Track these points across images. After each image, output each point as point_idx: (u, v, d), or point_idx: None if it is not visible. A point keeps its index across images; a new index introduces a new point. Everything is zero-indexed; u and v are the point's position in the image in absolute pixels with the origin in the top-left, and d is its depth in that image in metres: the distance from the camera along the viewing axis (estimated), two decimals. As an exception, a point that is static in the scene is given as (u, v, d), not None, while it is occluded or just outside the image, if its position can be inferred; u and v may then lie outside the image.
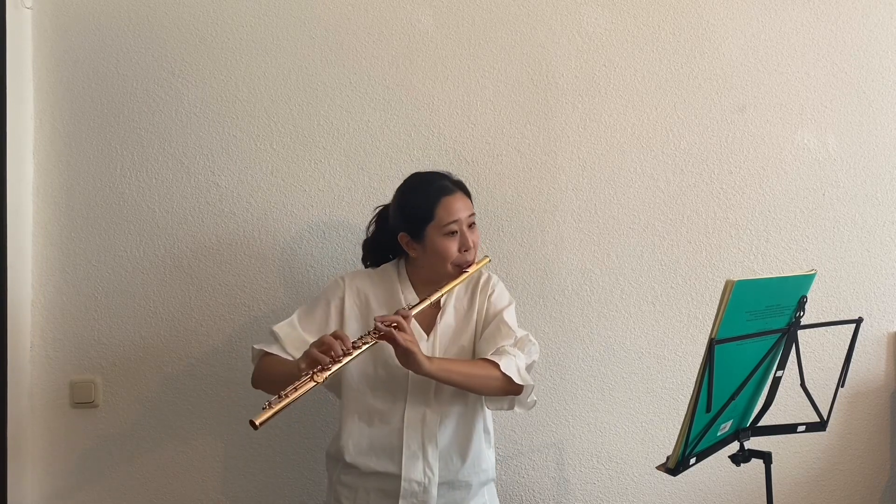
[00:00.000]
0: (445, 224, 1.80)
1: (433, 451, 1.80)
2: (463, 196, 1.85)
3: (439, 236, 1.80)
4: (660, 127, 2.34)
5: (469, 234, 1.83)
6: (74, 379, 2.29)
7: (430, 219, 1.80)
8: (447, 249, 1.81)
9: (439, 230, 1.80)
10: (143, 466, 2.30)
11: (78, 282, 2.29)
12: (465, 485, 1.84)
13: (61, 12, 2.29)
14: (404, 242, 1.86)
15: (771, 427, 1.77)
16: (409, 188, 1.89)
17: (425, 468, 1.80)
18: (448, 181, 1.86)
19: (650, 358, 2.33)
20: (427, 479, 1.79)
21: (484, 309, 1.89)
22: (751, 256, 2.35)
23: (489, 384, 1.77)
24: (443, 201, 1.81)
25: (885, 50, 2.37)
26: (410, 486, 1.79)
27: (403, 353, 1.68)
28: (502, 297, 1.91)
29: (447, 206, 1.81)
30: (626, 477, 2.34)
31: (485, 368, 1.76)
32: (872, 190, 2.37)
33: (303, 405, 2.28)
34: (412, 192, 1.87)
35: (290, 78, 2.31)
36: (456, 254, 1.81)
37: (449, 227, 1.80)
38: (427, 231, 1.81)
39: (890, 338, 2.38)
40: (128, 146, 2.30)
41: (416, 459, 1.79)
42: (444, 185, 1.84)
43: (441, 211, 1.80)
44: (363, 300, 1.88)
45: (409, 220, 1.84)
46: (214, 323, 2.30)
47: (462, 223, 1.82)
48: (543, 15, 2.33)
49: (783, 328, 1.66)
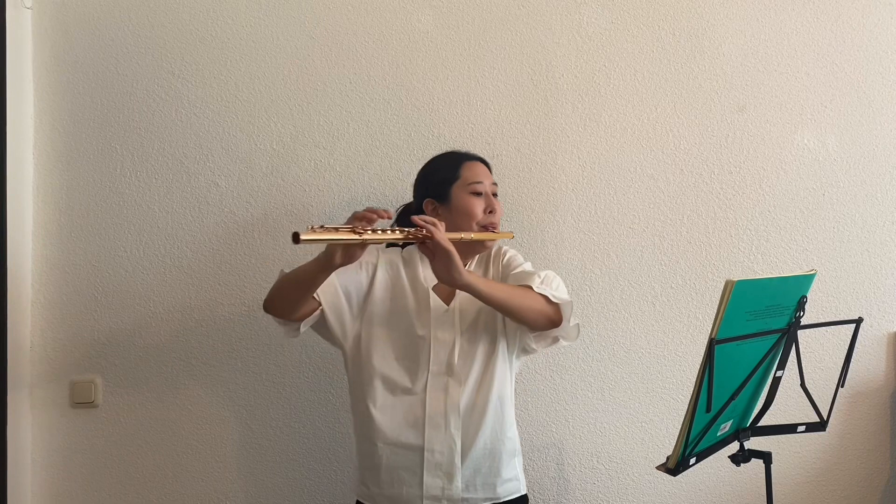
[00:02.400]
0: (470, 182, 1.85)
1: (456, 420, 1.78)
2: (484, 166, 1.92)
3: (465, 195, 1.84)
4: (660, 127, 2.34)
5: (494, 200, 1.87)
6: (74, 379, 2.29)
7: (455, 178, 1.86)
8: (474, 207, 1.84)
9: (464, 188, 1.85)
10: (143, 466, 2.30)
11: (78, 282, 2.29)
12: (491, 454, 1.81)
13: (61, 12, 2.29)
14: (430, 209, 1.87)
15: (771, 427, 1.77)
16: (432, 160, 1.96)
17: (447, 437, 1.77)
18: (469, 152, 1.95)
19: (650, 358, 2.33)
20: (449, 449, 1.77)
21: (500, 273, 1.90)
22: (751, 256, 2.35)
23: (529, 304, 1.72)
24: (466, 163, 1.89)
25: (885, 50, 2.37)
26: (433, 456, 1.76)
27: (443, 257, 1.64)
28: (516, 258, 1.92)
29: (471, 167, 1.88)
30: (626, 477, 2.34)
31: (522, 289, 1.74)
32: (872, 190, 2.37)
33: (303, 404, 2.29)
34: (435, 161, 1.94)
35: (290, 78, 2.31)
36: (482, 214, 1.84)
37: (473, 187, 1.85)
38: (452, 190, 1.85)
39: (890, 338, 2.37)
40: (128, 146, 2.30)
41: (439, 429, 1.77)
42: (465, 154, 1.93)
43: (465, 171, 1.87)
44: (395, 272, 1.87)
45: (434, 183, 1.89)
46: (214, 323, 2.30)
47: (486, 187, 1.87)
48: (543, 15, 2.33)
49: (783, 328, 1.66)
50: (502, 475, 1.83)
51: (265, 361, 2.30)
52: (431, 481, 1.77)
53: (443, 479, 1.78)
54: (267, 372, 2.30)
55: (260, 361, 2.30)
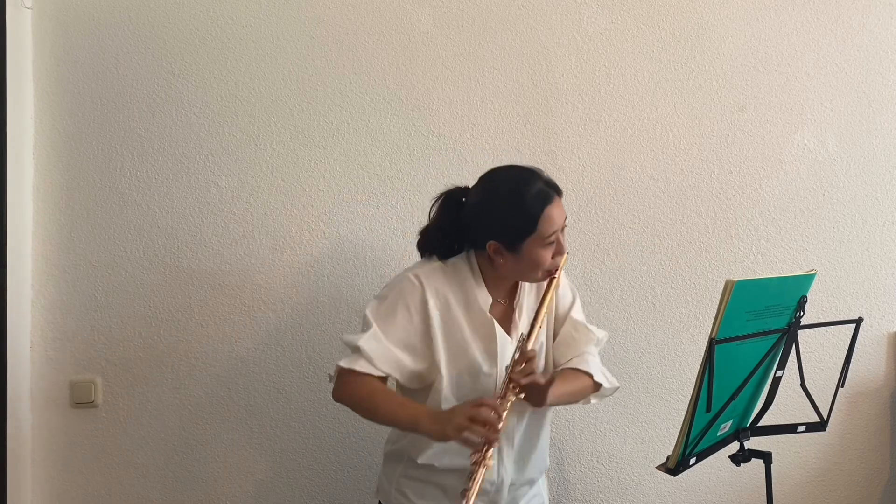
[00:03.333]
0: (547, 236, 1.66)
1: (509, 452, 1.75)
2: (559, 200, 1.70)
3: (539, 248, 1.67)
4: (660, 127, 2.34)
5: (563, 239, 1.71)
6: (74, 379, 2.29)
7: (532, 232, 1.65)
8: (545, 259, 1.68)
9: (540, 242, 1.66)
10: (143, 466, 2.30)
11: (78, 282, 2.29)
12: (530, 481, 1.82)
13: (61, 12, 2.29)
14: (492, 250, 1.69)
15: (771, 427, 1.77)
16: (506, 195, 1.69)
17: (500, 469, 1.73)
18: (545, 184, 1.69)
19: (650, 358, 2.33)
20: (500, 480, 1.75)
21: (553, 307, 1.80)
22: (751, 256, 2.35)
23: (585, 393, 1.76)
24: (546, 213, 1.65)
25: (885, 50, 2.37)
26: (483, 485, 1.66)
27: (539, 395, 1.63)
28: (566, 293, 1.83)
29: (550, 216, 1.65)
30: (626, 477, 2.34)
31: (583, 381, 1.73)
32: (872, 190, 2.37)
33: (303, 404, 2.29)
34: (510, 201, 1.67)
35: (290, 78, 2.30)
36: (549, 261, 1.69)
37: (550, 238, 1.67)
38: (526, 242, 1.66)
39: (890, 338, 2.37)
40: (128, 146, 2.30)
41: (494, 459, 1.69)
42: (543, 192, 1.67)
43: (544, 224, 1.65)
44: (444, 303, 1.72)
45: (506, 231, 1.67)
46: (214, 323, 2.30)
47: (560, 228, 1.69)
48: (543, 15, 2.33)
49: (783, 328, 1.66)
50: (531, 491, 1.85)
51: (265, 361, 2.30)
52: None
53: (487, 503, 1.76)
54: (267, 372, 2.30)
55: (260, 361, 2.30)
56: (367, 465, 2.29)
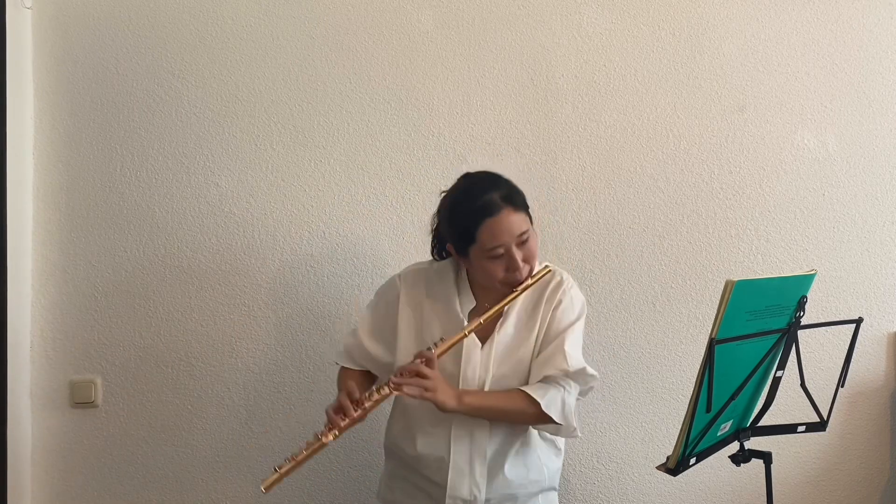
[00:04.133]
0: (489, 249, 1.63)
1: (481, 467, 1.71)
2: (511, 212, 1.63)
3: (483, 259, 1.65)
4: (660, 127, 2.34)
5: (518, 254, 1.64)
6: (74, 379, 2.29)
7: (472, 240, 1.64)
8: (493, 272, 1.66)
9: (483, 253, 1.64)
10: (143, 466, 2.30)
11: (78, 282, 2.29)
12: (512, 497, 1.75)
13: (61, 12, 2.29)
14: (452, 252, 1.74)
15: (771, 427, 1.77)
16: (455, 200, 1.70)
17: (472, 486, 1.71)
18: (496, 195, 1.64)
19: (650, 358, 2.33)
20: (473, 497, 1.71)
21: (546, 322, 1.73)
22: (751, 256, 2.35)
23: (526, 419, 1.70)
24: (485, 224, 1.62)
25: (885, 50, 2.37)
26: (455, 502, 1.71)
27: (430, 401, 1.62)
28: (569, 311, 1.74)
29: (490, 229, 1.62)
30: (626, 477, 2.34)
31: (522, 403, 1.65)
32: (872, 190, 2.36)
33: (303, 404, 2.29)
34: (456, 207, 1.69)
35: (290, 78, 2.30)
36: (502, 274, 1.66)
37: (493, 252, 1.63)
38: (471, 251, 1.66)
39: (890, 338, 2.37)
40: (128, 146, 2.30)
41: (463, 476, 1.71)
42: (489, 203, 1.63)
43: (483, 235, 1.62)
44: (417, 302, 1.77)
45: (453, 236, 1.70)
46: (214, 323, 2.30)
47: (509, 244, 1.63)
48: (543, 15, 2.33)
49: (783, 328, 1.66)
50: None
51: (265, 361, 2.30)
52: None
53: None
54: (267, 372, 2.30)
55: (260, 361, 2.30)
56: (366, 465, 2.29)
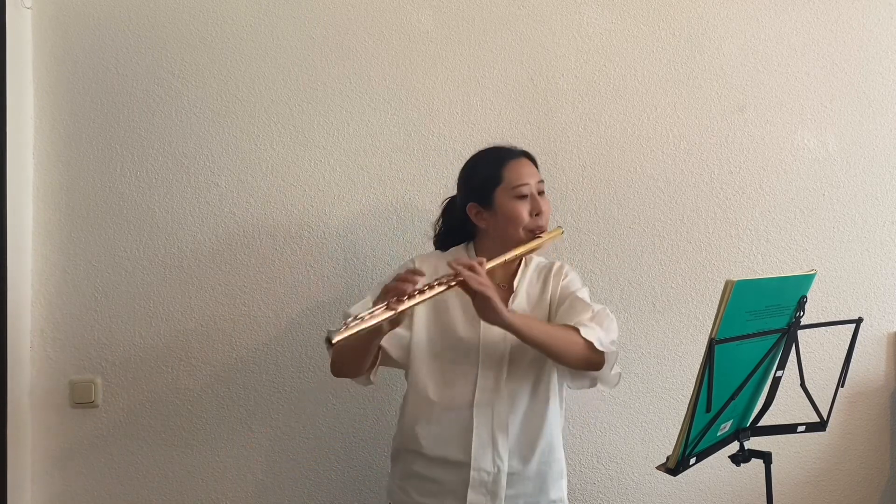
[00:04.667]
0: (515, 186, 1.76)
1: (503, 440, 1.74)
2: (529, 162, 1.83)
3: (509, 199, 1.76)
4: (660, 127, 2.34)
5: (540, 200, 1.79)
6: (74, 379, 2.29)
7: (499, 181, 1.77)
8: (519, 213, 1.76)
9: (509, 192, 1.76)
10: (143, 466, 2.30)
11: (78, 282, 2.29)
12: (536, 476, 1.78)
13: (61, 12, 2.29)
14: (473, 213, 1.81)
15: (771, 427, 1.77)
16: (473, 159, 1.86)
17: (495, 457, 1.74)
18: (514, 150, 1.85)
19: (650, 358, 2.33)
20: (497, 469, 1.74)
21: (557, 294, 1.83)
22: (751, 256, 2.35)
23: (570, 349, 1.70)
24: (509, 164, 1.79)
25: (885, 50, 2.36)
26: (480, 475, 1.73)
27: (480, 299, 1.61)
28: (575, 281, 1.86)
29: (514, 167, 1.79)
30: (626, 477, 2.34)
31: (566, 331, 1.70)
32: (872, 190, 2.36)
33: (303, 404, 2.29)
34: (477, 161, 1.85)
35: (290, 78, 2.30)
36: (528, 218, 1.77)
37: (518, 190, 1.76)
38: (496, 194, 1.77)
39: (890, 338, 2.37)
40: (128, 146, 2.30)
41: (486, 448, 1.73)
42: (510, 151, 1.83)
43: (508, 172, 1.78)
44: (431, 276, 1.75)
45: (477, 187, 1.80)
46: (214, 323, 2.30)
47: (532, 188, 1.78)
48: (543, 15, 2.33)
49: (783, 328, 1.66)
50: (549, 496, 1.81)
51: (265, 361, 2.30)
52: (475, 498, 1.74)
53: (487, 497, 1.74)
54: (267, 372, 2.30)
55: (260, 361, 2.30)
56: (367, 465, 2.29)
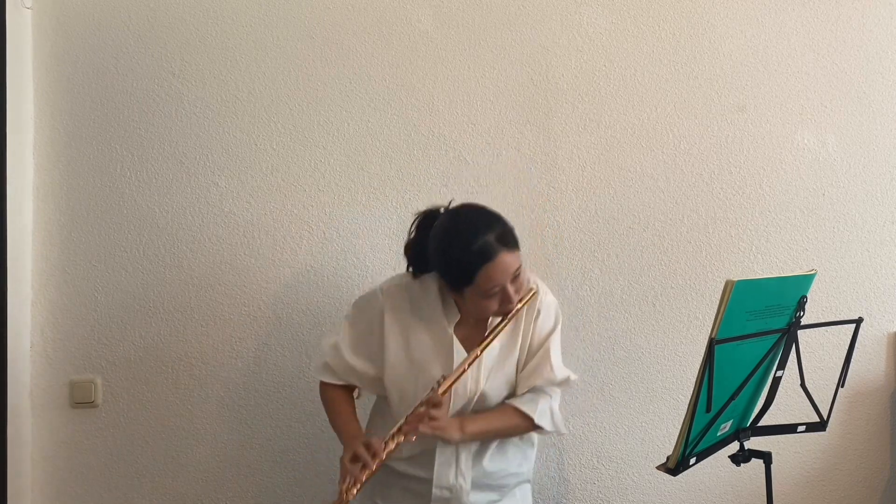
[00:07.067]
0: (486, 289, 1.64)
1: (466, 456, 1.78)
2: (508, 253, 1.64)
3: (479, 298, 1.66)
4: (660, 127, 2.34)
5: (512, 290, 1.66)
6: (74, 379, 2.29)
7: (469, 283, 1.64)
8: (487, 308, 1.69)
9: (479, 293, 1.65)
10: (144, 466, 2.30)
11: (78, 282, 2.29)
12: (498, 487, 1.83)
13: (61, 12, 2.29)
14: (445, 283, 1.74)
15: (771, 427, 1.77)
16: (451, 239, 1.68)
17: (457, 474, 1.77)
18: (491, 237, 1.63)
19: (650, 358, 2.33)
20: (459, 486, 1.77)
21: (529, 334, 1.78)
22: (751, 256, 2.35)
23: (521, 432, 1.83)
24: (483, 269, 1.62)
25: (885, 50, 2.36)
26: (441, 492, 1.77)
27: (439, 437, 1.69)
28: (547, 320, 1.80)
29: (488, 274, 1.62)
30: (626, 477, 2.34)
31: (516, 419, 1.77)
32: (872, 190, 2.36)
33: (303, 404, 2.29)
34: (450, 251, 1.67)
35: (290, 78, 2.30)
36: (496, 308, 1.69)
37: (489, 292, 1.65)
38: (466, 291, 1.67)
39: (890, 338, 2.37)
40: (128, 146, 2.30)
41: (449, 466, 1.77)
42: (485, 248, 1.62)
43: (481, 279, 1.63)
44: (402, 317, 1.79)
45: (448, 274, 1.70)
46: (214, 323, 2.30)
47: (505, 283, 1.65)
48: (543, 15, 2.33)
49: (783, 328, 1.66)
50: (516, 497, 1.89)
51: (265, 361, 2.30)
52: None
53: None
54: (267, 372, 2.30)
55: (260, 361, 2.30)
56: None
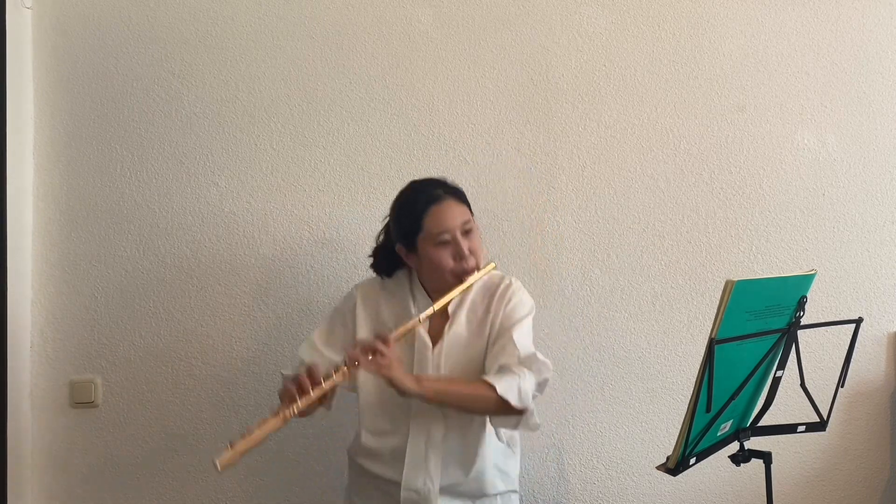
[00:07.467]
0: (435, 234, 1.73)
1: (436, 460, 1.77)
2: (454, 202, 1.77)
3: (431, 247, 1.74)
4: (660, 127, 2.34)
5: (463, 242, 1.74)
6: (74, 379, 2.29)
7: (419, 230, 1.74)
8: (441, 260, 1.74)
9: (430, 240, 1.74)
10: (143, 466, 2.30)
11: (78, 282, 2.29)
12: (470, 495, 1.82)
13: (61, 12, 2.29)
14: (402, 254, 1.81)
15: (771, 427, 1.77)
16: (400, 200, 1.83)
17: (425, 478, 1.77)
18: (438, 188, 1.79)
19: (650, 358, 2.33)
20: (427, 489, 1.77)
21: (498, 320, 1.80)
22: (751, 256, 2.35)
23: (486, 406, 1.71)
24: (430, 211, 1.74)
25: (885, 50, 2.36)
26: (409, 494, 1.77)
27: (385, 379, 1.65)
28: (519, 308, 1.81)
29: (435, 215, 1.74)
30: (626, 477, 2.34)
31: (480, 389, 1.68)
32: (872, 190, 2.36)
33: (303, 405, 2.29)
34: (401, 204, 1.81)
35: (290, 78, 2.31)
36: (452, 263, 1.74)
37: (440, 238, 1.73)
38: (418, 242, 1.75)
39: (890, 338, 2.37)
40: (128, 146, 2.30)
41: (418, 469, 1.77)
42: (431, 194, 1.77)
43: (429, 221, 1.74)
44: (373, 309, 1.85)
45: (401, 232, 1.80)
46: (214, 323, 2.30)
47: (454, 230, 1.74)
48: (543, 15, 2.33)
49: (783, 328, 1.66)
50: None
51: (265, 361, 2.30)
52: None
53: None
54: (267, 372, 2.30)
55: (260, 361, 2.30)
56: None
